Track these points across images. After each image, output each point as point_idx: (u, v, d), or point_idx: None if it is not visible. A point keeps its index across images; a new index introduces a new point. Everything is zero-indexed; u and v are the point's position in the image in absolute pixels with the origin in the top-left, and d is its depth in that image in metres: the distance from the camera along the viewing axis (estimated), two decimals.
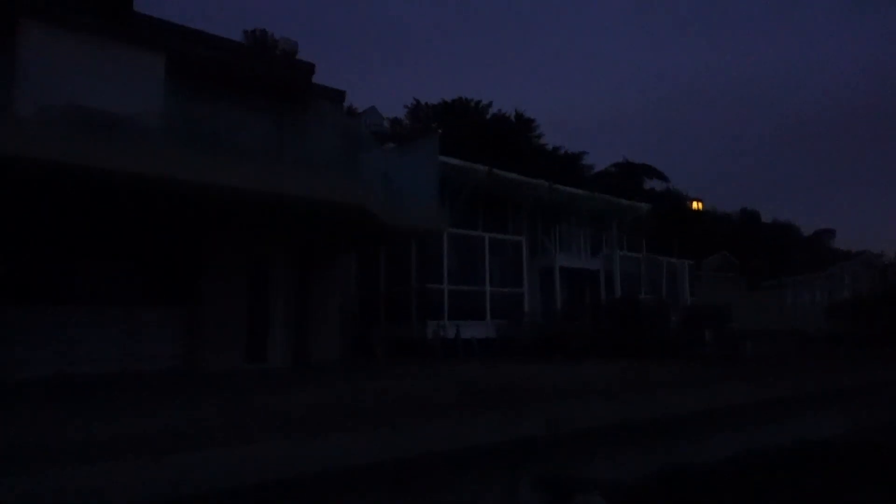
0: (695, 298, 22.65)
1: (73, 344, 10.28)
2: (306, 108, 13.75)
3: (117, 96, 9.58)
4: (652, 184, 71.45)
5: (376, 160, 11.60)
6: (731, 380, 10.04)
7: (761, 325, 24.50)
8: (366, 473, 4.10)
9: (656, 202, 68.57)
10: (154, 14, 12.06)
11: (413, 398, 6.41)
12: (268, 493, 3.75)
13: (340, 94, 14.73)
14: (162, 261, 11.04)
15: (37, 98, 8.61)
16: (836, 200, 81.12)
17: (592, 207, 23.25)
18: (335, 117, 13.49)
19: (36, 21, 9.49)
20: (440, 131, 21.67)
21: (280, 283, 11.72)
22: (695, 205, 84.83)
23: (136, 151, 8.03)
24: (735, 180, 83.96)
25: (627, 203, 23.90)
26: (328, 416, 5.17)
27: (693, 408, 7.62)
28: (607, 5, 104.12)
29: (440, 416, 5.13)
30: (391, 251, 16.93)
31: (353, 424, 4.67)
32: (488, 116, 59.21)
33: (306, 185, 9.51)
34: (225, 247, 11.10)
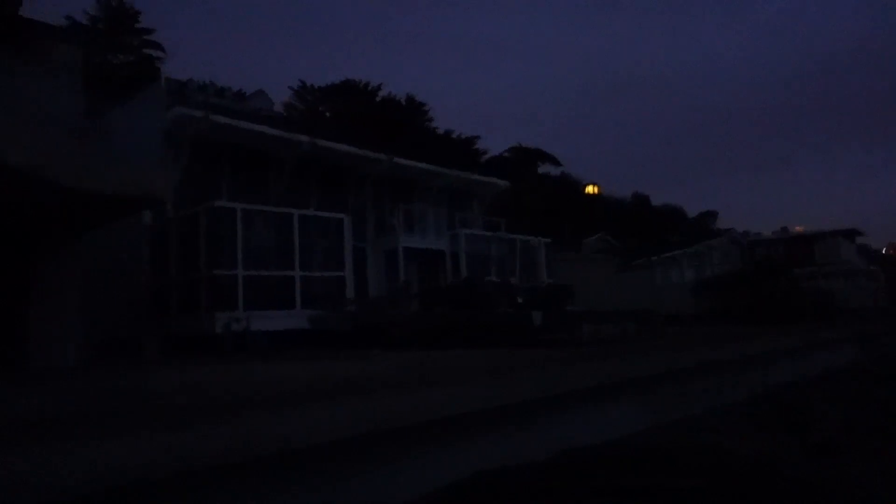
0: (552, 280, 20.95)
1: None
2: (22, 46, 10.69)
3: None
4: (546, 169, 71.08)
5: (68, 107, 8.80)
6: (525, 368, 7.98)
7: (627, 305, 23.32)
8: None
9: (549, 187, 68.07)
10: None
11: None
12: None
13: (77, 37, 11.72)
14: None
15: None
16: (723, 185, 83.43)
17: (445, 184, 21.12)
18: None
19: None
20: (166, 78, 18.57)
21: None
22: (590, 189, 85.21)
23: None
24: (631, 167, 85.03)
25: (483, 179, 21.89)
26: None
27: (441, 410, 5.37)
28: None
29: None
30: (185, 231, 14.07)
31: None
32: (378, 99, 56.56)
33: None
34: None
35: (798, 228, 45.29)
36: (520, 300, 16.78)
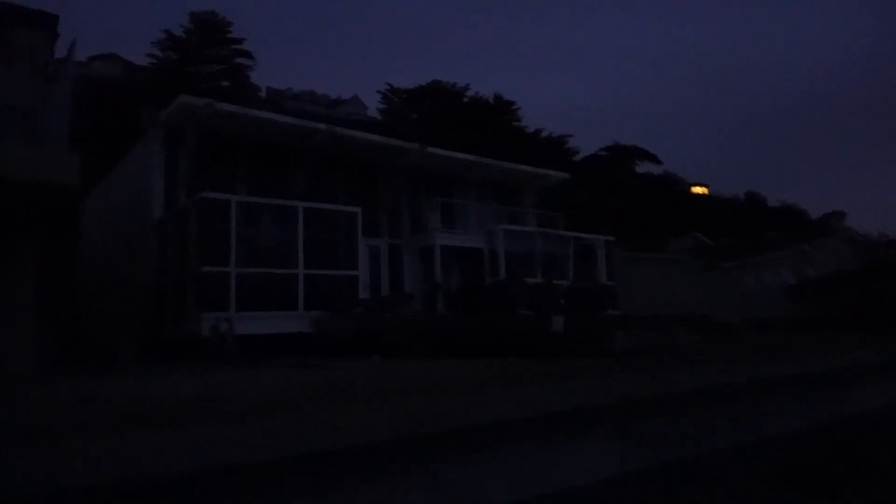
0: (612, 282, 18.34)
1: None
2: None
3: None
4: (647, 168, 66.47)
5: None
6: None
7: (709, 310, 20.40)
8: None
9: (650, 187, 63.59)
10: None
11: None
12: None
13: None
14: None
15: None
16: (849, 183, 74.33)
17: (489, 177, 19.14)
18: None
19: None
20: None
21: None
22: (697, 189, 79.26)
23: None
24: (741, 164, 77.98)
25: (533, 171, 19.63)
26: None
27: None
28: None
29: None
30: (180, 227, 13.13)
31: None
32: (465, 100, 55.17)
33: None
34: None
35: None
36: (561, 303, 14.56)
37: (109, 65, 48.20)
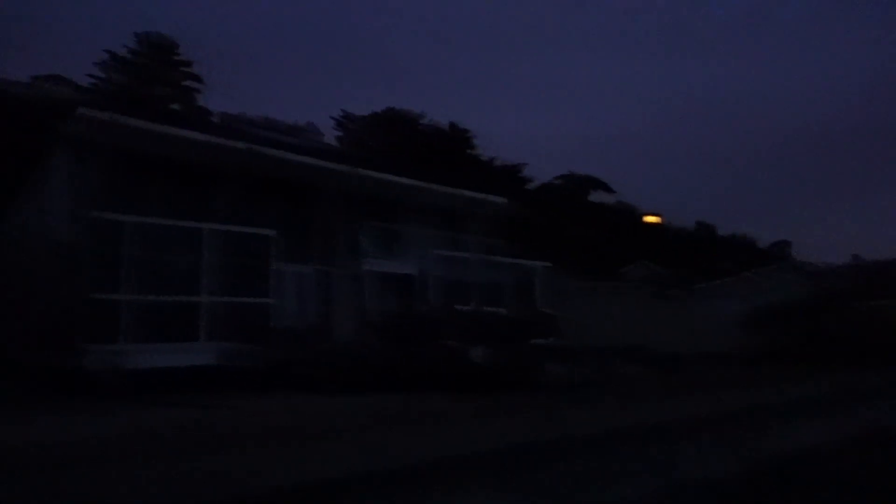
0: (550, 310, 17.50)
1: None
2: None
3: None
4: (600, 197, 66.87)
5: None
6: None
7: (659, 341, 19.78)
8: None
9: (602, 215, 63.83)
10: None
11: None
12: None
13: None
14: None
15: None
16: (800, 214, 75.95)
17: (430, 201, 18.27)
18: None
19: None
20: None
21: None
22: (650, 218, 79.96)
23: None
24: (698, 197, 79.19)
25: (475, 196, 18.79)
26: None
27: None
28: (574, 24, 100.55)
29: None
30: (74, 250, 11.82)
31: None
32: (421, 127, 54.73)
33: None
34: None
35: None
36: (489, 332, 13.59)
37: (56, 85, 46.41)
